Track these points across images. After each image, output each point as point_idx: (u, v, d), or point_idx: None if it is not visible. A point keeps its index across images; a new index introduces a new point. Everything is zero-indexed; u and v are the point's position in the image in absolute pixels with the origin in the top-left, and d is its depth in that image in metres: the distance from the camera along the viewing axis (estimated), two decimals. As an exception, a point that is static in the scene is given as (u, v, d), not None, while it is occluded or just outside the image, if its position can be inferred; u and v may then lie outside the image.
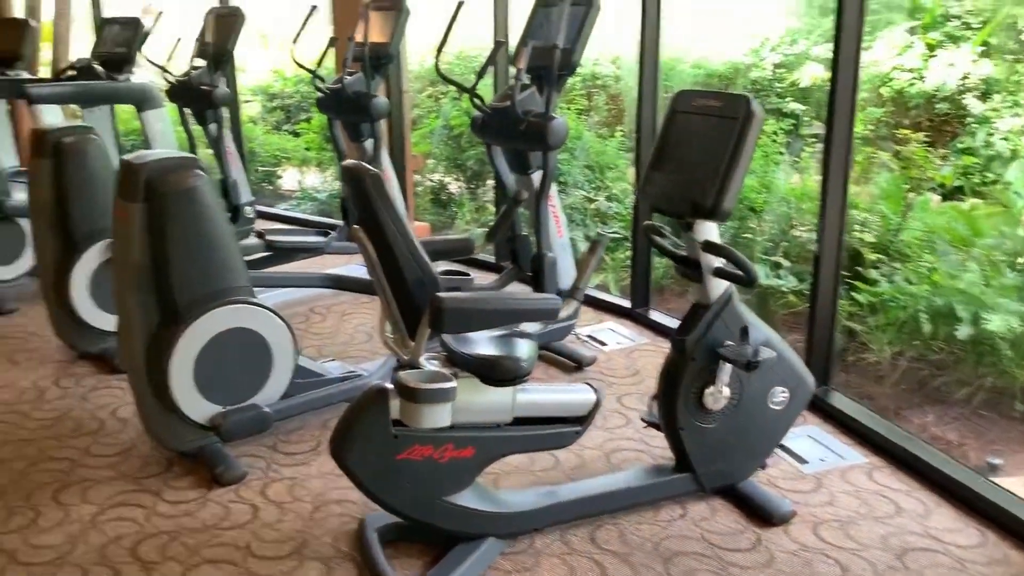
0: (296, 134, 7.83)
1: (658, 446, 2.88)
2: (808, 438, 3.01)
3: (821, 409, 3.16)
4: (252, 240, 4.47)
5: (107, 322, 3.45)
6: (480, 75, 3.52)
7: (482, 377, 2.18)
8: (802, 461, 2.86)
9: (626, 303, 4.26)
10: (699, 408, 2.50)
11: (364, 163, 2.04)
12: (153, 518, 2.57)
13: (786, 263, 4.65)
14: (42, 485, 2.75)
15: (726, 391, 2.48)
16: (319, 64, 4.45)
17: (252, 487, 2.75)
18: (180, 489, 2.73)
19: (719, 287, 2.45)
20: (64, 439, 3.05)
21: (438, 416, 2.07)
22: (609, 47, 7.17)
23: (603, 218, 5.75)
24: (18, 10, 7.51)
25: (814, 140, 5.86)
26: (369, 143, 4.39)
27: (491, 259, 4.80)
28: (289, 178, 7.59)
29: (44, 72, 7.25)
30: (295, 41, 4.46)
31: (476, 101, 3.45)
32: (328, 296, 4.32)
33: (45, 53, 7.67)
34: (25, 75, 5.89)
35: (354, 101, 4.22)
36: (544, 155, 3.35)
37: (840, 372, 3.95)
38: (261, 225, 5.36)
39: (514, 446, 2.38)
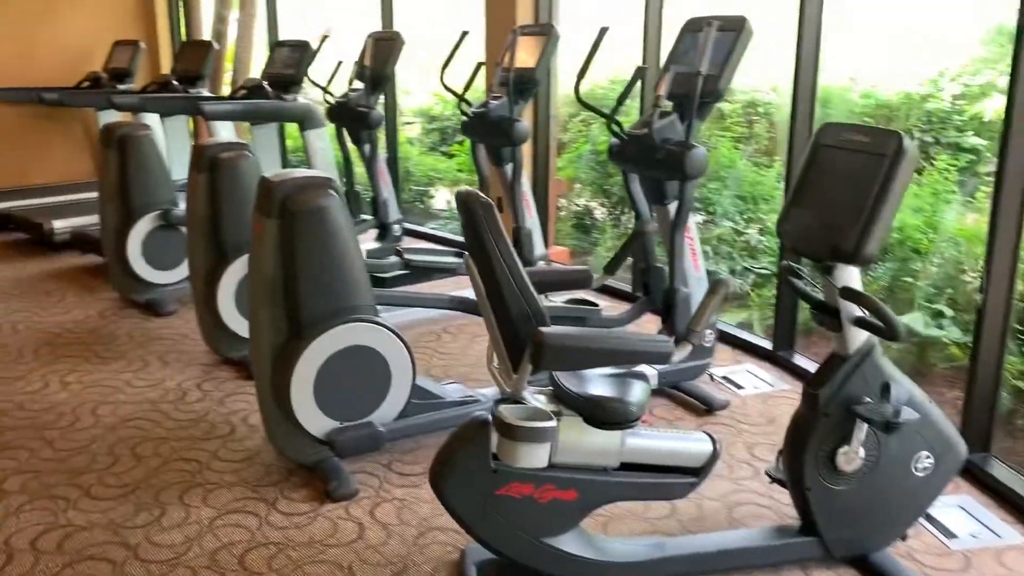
0: (450, 156, 8.00)
1: (788, 503, 2.67)
2: (959, 509, 2.70)
3: (977, 478, 2.84)
4: (392, 258, 4.56)
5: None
6: (620, 101, 3.43)
7: (587, 417, 2.08)
8: (950, 535, 2.57)
9: (768, 344, 4.02)
10: (830, 468, 2.29)
11: (478, 192, 2.00)
12: (264, 527, 2.63)
13: (951, 312, 4.24)
14: (171, 484, 2.88)
15: (861, 452, 2.26)
16: (467, 88, 4.50)
17: (362, 505, 2.76)
18: (294, 501, 2.78)
19: (859, 338, 2.24)
20: (197, 441, 3.19)
21: (534, 456, 1.99)
22: (770, 73, 6.87)
23: (751, 252, 5.49)
24: (207, 34, 8.13)
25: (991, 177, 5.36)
26: (509, 167, 4.39)
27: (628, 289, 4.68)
28: (440, 198, 7.76)
29: (226, 92, 7.79)
30: (445, 66, 4.54)
31: (614, 127, 3.36)
32: (462, 316, 4.33)
33: (230, 74, 8.25)
34: (205, 93, 6.35)
35: (496, 125, 4.24)
36: (681, 185, 3.22)
37: (1005, 438, 3.54)
38: (411, 244, 5.51)
39: (621, 493, 2.26)
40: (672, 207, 3.33)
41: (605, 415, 2.06)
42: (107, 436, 3.21)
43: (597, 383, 2.17)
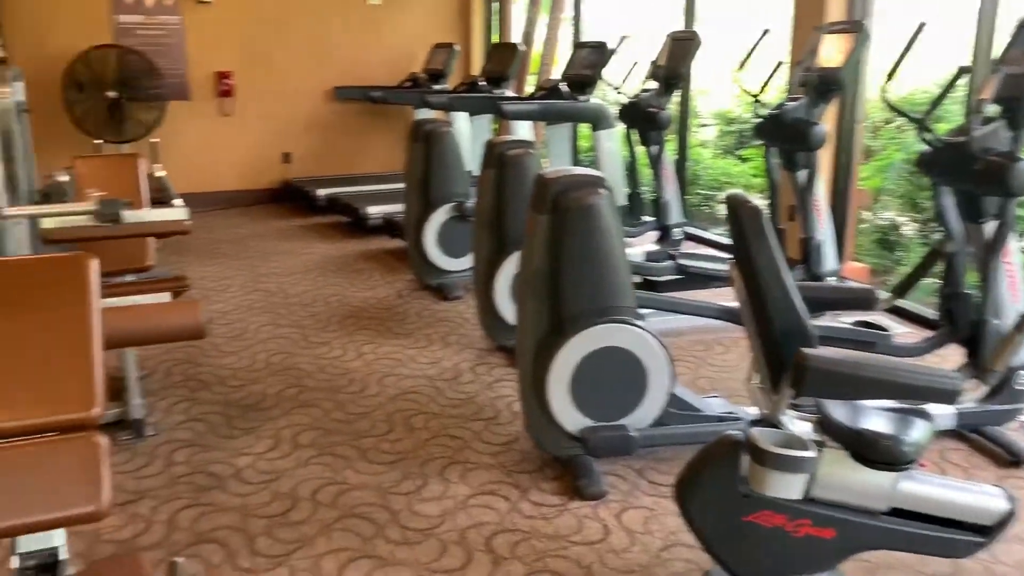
0: (744, 159, 7.70)
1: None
2: None
3: None
4: (667, 262, 4.48)
5: (520, 321, 3.72)
6: (935, 105, 3.07)
7: (855, 453, 1.88)
8: None
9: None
10: None
11: (747, 195, 1.87)
12: (513, 514, 2.70)
13: None
14: (435, 458, 3.05)
15: None
16: (763, 88, 4.29)
17: (610, 507, 2.73)
18: (544, 492, 2.82)
19: None
20: (464, 420, 3.35)
21: (786, 486, 1.83)
22: None
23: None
24: (518, 37, 8.53)
25: None
26: (803, 173, 4.12)
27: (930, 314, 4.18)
28: (730, 203, 7.49)
29: (530, 92, 8.14)
30: (742, 65, 4.36)
31: (926, 134, 3.01)
32: (736, 328, 4.13)
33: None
34: (508, 93, 6.67)
35: (792, 128, 3.99)
36: (1003, 202, 2.81)
37: None
38: (692, 249, 5.39)
39: (888, 541, 2.01)
40: (990, 226, 2.92)
41: (876, 453, 1.84)
42: (387, 405, 3.49)
43: (871, 416, 1.95)
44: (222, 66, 7.50)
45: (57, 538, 1.59)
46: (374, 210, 6.45)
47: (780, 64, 4.28)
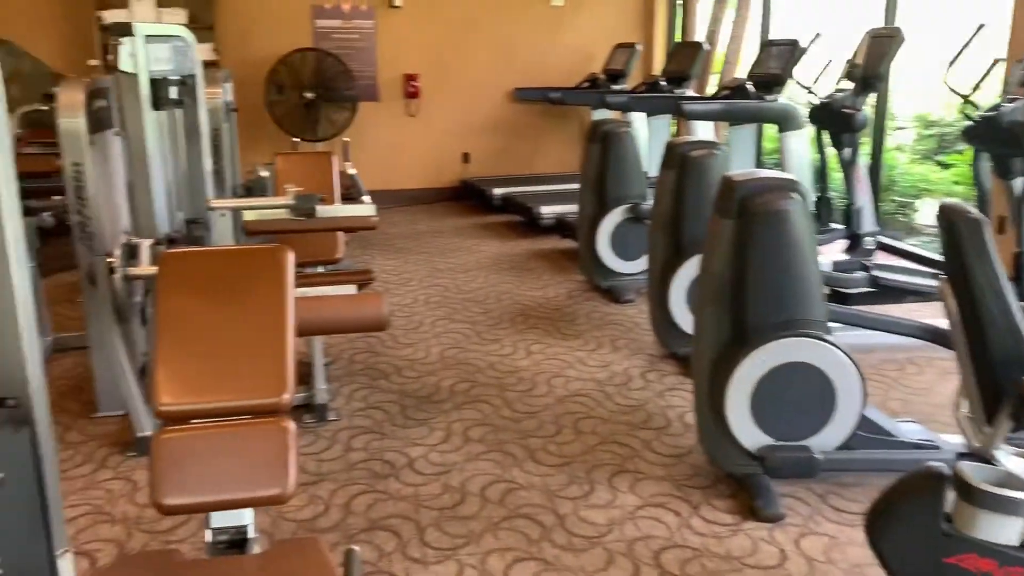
0: (945, 165, 7.12)
1: None
2: None
3: None
4: (858, 273, 4.19)
5: (696, 328, 3.60)
6: (975, 88, 2.79)
7: (1085, 499, 1.66)
8: None
9: None
10: None
11: (966, 205, 1.69)
12: (684, 530, 2.60)
13: None
14: (603, 464, 3.00)
15: None
16: (975, 89, 3.92)
17: (787, 531, 2.58)
18: (717, 510, 2.70)
19: None
20: (634, 428, 3.28)
21: (1002, 529, 1.64)
22: None
23: None
24: (702, 35, 8.31)
25: None
26: (1019, 181, 3.73)
27: None
28: (928, 212, 6.95)
29: (712, 92, 7.91)
30: (952, 63, 4.00)
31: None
32: (933, 348, 3.80)
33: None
34: (689, 93, 6.51)
35: (1008, 132, 3.61)
36: None
37: None
38: (885, 260, 5.04)
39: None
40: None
41: (1111, 501, 1.61)
42: (555, 407, 3.47)
43: (1105, 458, 1.72)
44: (410, 68, 7.78)
45: (246, 516, 1.67)
46: (547, 210, 6.48)
47: (996, 62, 3.90)
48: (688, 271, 3.63)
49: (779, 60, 5.35)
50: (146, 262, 2.87)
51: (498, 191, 7.28)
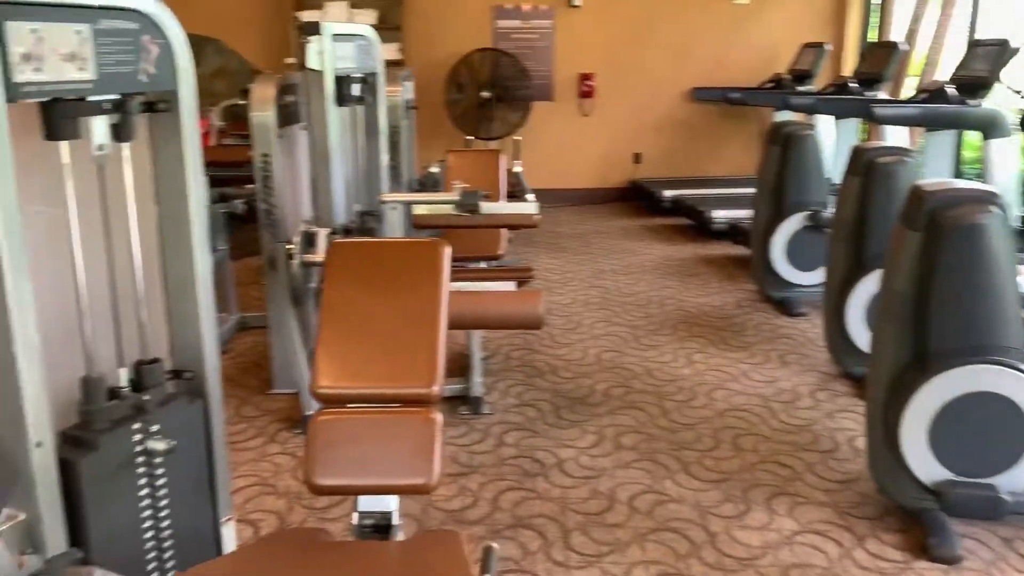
0: None
1: None
2: None
3: None
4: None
5: (873, 348, 3.36)
6: None
7: None
8: None
9: None
10: None
11: None
12: (845, 560, 2.43)
13: None
14: (761, 484, 2.85)
15: None
16: None
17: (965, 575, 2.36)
18: (885, 544, 2.51)
19: None
20: (797, 449, 3.10)
21: None
22: None
23: None
24: (899, 35, 7.78)
25: None
26: None
27: None
28: None
29: (908, 96, 7.38)
30: None
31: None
32: None
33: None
34: (882, 96, 6.10)
35: None
36: None
37: None
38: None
39: None
40: None
41: None
42: (714, 420, 3.34)
43: None
44: (586, 68, 7.77)
45: (392, 503, 1.71)
46: (719, 214, 6.27)
47: None
48: (869, 285, 3.39)
49: (986, 61, 4.89)
50: (322, 250, 3.01)
51: (668, 193, 7.12)
